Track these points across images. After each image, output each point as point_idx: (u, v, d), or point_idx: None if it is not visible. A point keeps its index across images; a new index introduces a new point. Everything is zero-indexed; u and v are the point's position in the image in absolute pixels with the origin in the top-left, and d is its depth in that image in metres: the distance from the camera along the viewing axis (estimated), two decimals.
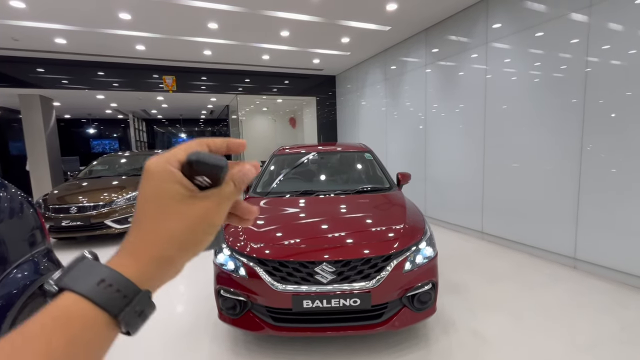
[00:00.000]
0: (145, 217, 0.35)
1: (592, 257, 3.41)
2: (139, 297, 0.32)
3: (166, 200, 0.34)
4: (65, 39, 5.48)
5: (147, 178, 0.35)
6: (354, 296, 2.04)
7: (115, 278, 0.32)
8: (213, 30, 5.30)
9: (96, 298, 0.30)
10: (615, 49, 3.09)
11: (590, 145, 3.34)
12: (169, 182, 0.34)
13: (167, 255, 0.35)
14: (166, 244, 0.34)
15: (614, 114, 3.13)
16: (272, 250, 2.20)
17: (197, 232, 0.36)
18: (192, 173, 0.35)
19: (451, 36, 5.04)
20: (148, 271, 0.34)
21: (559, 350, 2.24)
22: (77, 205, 4.90)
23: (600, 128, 3.25)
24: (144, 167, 0.35)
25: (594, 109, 3.29)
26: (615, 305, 2.79)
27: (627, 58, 3.01)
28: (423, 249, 2.26)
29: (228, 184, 0.37)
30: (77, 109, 11.72)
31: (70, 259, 0.34)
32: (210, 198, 0.36)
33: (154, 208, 0.35)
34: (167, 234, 0.34)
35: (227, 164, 0.35)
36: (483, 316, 2.68)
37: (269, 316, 2.14)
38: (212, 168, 0.34)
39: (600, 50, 3.20)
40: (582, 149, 3.42)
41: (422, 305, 2.22)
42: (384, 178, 3.34)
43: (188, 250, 0.36)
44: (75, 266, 0.33)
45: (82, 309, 0.30)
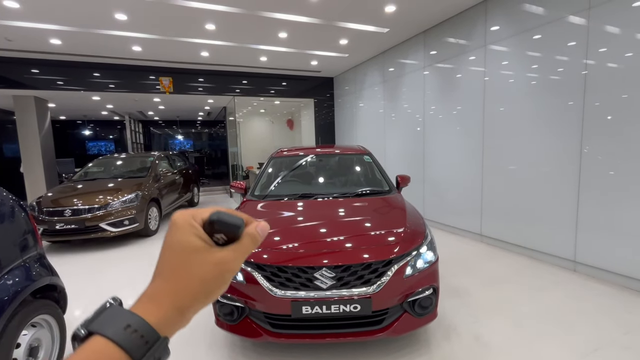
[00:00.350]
0: (168, 266, 0.38)
1: (592, 260, 3.39)
2: (158, 343, 0.34)
3: (188, 252, 0.38)
4: (60, 39, 5.41)
5: (173, 230, 0.39)
6: (354, 302, 2.00)
7: (140, 324, 0.34)
8: (210, 31, 5.26)
9: (123, 342, 0.32)
10: (613, 52, 3.08)
11: (587, 147, 3.33)
12: (192, 236, 0.38)
13: (186, 304, 0.37)
14: (183, 292, 0.37)
15: (613, 116, 3.13)
16: (270, 255, 2.15)
17: (211, 282, 0.38)
18: (212, 231, 0.39)
19: (449, 38, 5.03)
20: (168, 318, 0.36)
21: (561, 355, 2.21)
22: (71, 208, 4.82)
23: (600, 130, 3.24)
24: (171, 219, 0.40)
25: (593, 111, 3.28)
26: (617, 309, 2.77)
27: (625, 61, 3.00)
28: (424, 253, 2.23)
29: (245, 239, 0.40)
30: (73, 111, 11.61)
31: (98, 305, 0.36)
32: (227, 251, 0.39)
33: (177, 258, 0.38)
34: (184, 282, 0.37)
35: (243, 223, 0.40)
36: (484, 321, 2.65)
37: (267, 322, 2.09)
38: (230, 227, 0.39)
39: (598, 53, 3.20)
40: (582, 152, 3.41)
41: (423, 311, 2.18)
42: (383, 181, 3.30)
43: (201, 299, 0.38)
44: (103, 312, 0.35)
45: (111, 352, 0.32)
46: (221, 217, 0.38)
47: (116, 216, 5.01)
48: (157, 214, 5.87)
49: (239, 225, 0.39)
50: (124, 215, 5.07)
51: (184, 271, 0.37)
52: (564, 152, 3.57)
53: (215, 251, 0.39)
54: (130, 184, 5.53)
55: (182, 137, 17.03)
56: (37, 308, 2.04)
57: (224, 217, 0.38)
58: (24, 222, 2.19)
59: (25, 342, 1.92)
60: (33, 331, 2.00)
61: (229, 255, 0.39)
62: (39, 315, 2.05)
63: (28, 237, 2.17)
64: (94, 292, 3.45)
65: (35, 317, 2.01)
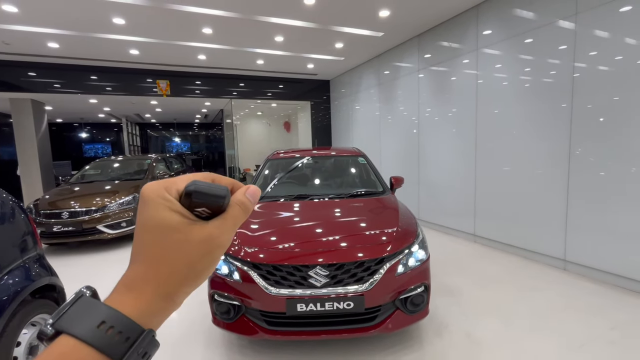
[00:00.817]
0: (143, 248, 0.33)
1: (582, 259, 3.47)
2: (142, 337, 0.30)
3: (165, 230, 0.32)
4: (58, 43, 5.45)
5: (144, 205, 0.33)
6: (348, 299, 2.06)
7: (116, 319, 0.29)
8: (207, 35, 5.32)
9: (97, 343, 0.28)
10: (601, 56, 3.17)
11: (580, 149, 3.41)
12: (166, 211, 0.32)
13: (169, 290, 0.32)
14: (168, 278, 0.32)
15: (601, 118, 3.21)
16: (266, 254, 2.21)
17: (198, 264, 0.33)
18: (191, 205, 0.33)
19: (443, 42, 5.13)
20: (150, 308, 0.31)
21: (548, 350, 2.27)
22: (69, 211, 4.85)
23: (588, 132, 3.33)
24: (140, 192, 0.33)
25: (582, 113, 3.37)
26: (605, 306, 2.84)
27: (611, 64, 3.09)
28: (415, 251, 2.29)
29: (233, 208, 0.35)
30: (70, 113, 11.61)
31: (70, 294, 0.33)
32: (212, 226, 0.33)
33: (153, 239, 0.32)
34: (168, 267, 0.32)
35: (228, 193, 0.34)
36: (476, 319, 2.71)
37: (262, 320, 2.14)
38: (211, 198, 0.32)
39: (586, 57, 3.29)
40: (571, 153, 3.49)
41: (415, 308, 2.24)
42: (377, 182, 3.37)
43: (190, 283, 0.34)
44: (72, 305, 0.30)
45: (82, 355, 0.27)
46: (199, 187, 0.32)
47: (113, 218, 5.03)
48: None
49: (222, 196, 0.33)
50: (122, 218, 5.10)
51: (165, 253, 0.32)
52: (554, 153, 3.65)
53: (198, 227, 0.33)
54: (127, 186, 5.56)
55: (180, 139, 17.05)
56: (36, 307, 2.07)
57: (202, 188, 0.32)
58: (23, 223, 2.23)
59: (25, 340, 1.95)
60: (33, 330, 2.03)
61: (214, 230, 0.33)
62: (39, 315, 2.09)
63: (28, 238, 2.21)
64: None
65: (35, 316, 2.05)
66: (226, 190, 0.34)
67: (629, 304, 2.88)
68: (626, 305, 2.85)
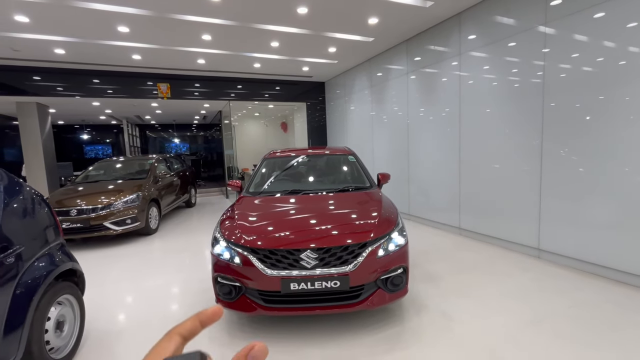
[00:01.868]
0: None
1: (554, 248, 3.79)
2: None
3: None
4: (64, 49, 5.73)
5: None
6: (334, 279, 2.36)
7: None
8: (206, 41, 5.61)
9: None
10: (568, 59, 3.49)
11: (549, 146, 3.73)
12: None
13: None
14: None
15: (570, 117, 3.53)
16: (262, 240, 2.51)
17: None
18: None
19: (429, 46, 5.44)
20: None
21: (511, 325, 2.59)
22: (76, 208, 5.12)
23: (558, 130, 3.65)
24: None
25: (551, 113, 3.69)
26: (568, 288, 3.16)
27: (579, 67, 3.41)
28: (395, 238, 2.59)
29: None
30: (72, 115, 11.86)
31: None
32: None
33: None
34: None
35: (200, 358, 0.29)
36: (452, 300, 3.02)
37: (260, 298, 2.44)
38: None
39: (554, 60, 3.60)
40: (542, 150, 3.81)
41: (395, 287, 2.54)
42: (365, 178, 3.68)
43: None
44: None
45: None
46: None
47: (119, 216, 5.32)
48: (157, 213, 6.19)
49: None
50: (126, 215, 5.39)
51: None
52: (528, 150, 3.97)
53: None
54: (131, 186, 5.84)
55: (179, 140, 17.30)
56: (61, 289, 2.37)
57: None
58: (47, 215, 2.52)
59: (53, 316, 2.25)
60: (59, 308, 2.33)
61: None
62: (63, 295, 2.38)
63: (51, 229, 2.50)
64: (99, 285, 3.77)
65: (60, 296, 2.34)
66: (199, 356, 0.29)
67: (590, 285, 3.20)
68: (588, 287, 3.17)
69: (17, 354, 1.88)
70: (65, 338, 2.35)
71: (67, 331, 2.37)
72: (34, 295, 2.05)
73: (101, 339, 2.66)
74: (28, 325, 1.96)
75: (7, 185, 2.21)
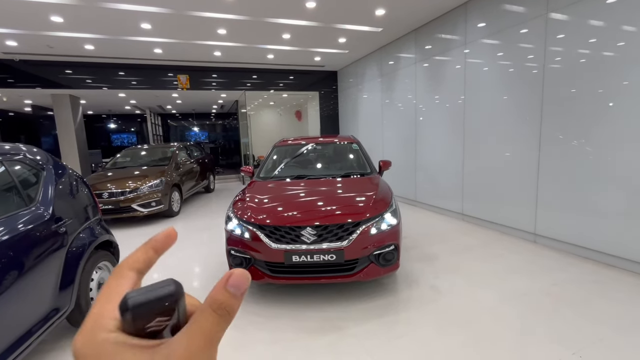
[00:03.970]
0: None
1: (549, 232, 3.95)
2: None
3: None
4: (93, 45, 6.20)
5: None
6: (331, 253, 2.69)
7: None
8: (222, 35, 5.92)
9: None
10: (570, 48, 3.57)
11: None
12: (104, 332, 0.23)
13: None
14: None
15: (569, 105, 3.64)
16: (269, 219, 2.85)
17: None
18: (137, 326, 0.23)
19: (437, 35, 5.53)
20: None
21: (494, 298, 2.84)
22: (108, 192, 5.67)
23: (555, 119, 3.76)
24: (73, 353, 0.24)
25: (551, 100, 3.79)
26: (554, 269, 3.36)
27: (580, 56, 3.49)
28: (387, 218, 2.88)
29: (204, 314, 0.24)
30: (100, 106, 12.60)
31: None
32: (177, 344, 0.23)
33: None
34: None
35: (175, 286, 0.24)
36: (443, 277, 3.29)
37: (267, 269, 2.81)
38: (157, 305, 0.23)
39: (556, 49, 3.69)
40: (541, 137, 3.93)
41: (387, 262, 2.84)
42: (366, 165, 3.94)
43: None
44: None
45: None
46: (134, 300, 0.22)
47: (144, 199, 5.83)
48: (178, 197, 6.70)
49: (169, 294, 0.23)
50: (151, 198, 5.90)
51: None
52: (527, 137, 4.10)
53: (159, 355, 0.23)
54: (155, 172, 6.34)
55: (198, 128, 17.95)
56: (100, 257, 2.81)
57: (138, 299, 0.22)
58: (87, 195, 2.96)
59: (96, 278, 2.70)
60: (100, 272, 2.78)
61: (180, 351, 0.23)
62: (102, 262, 2.83)
63: (91, 206, 2.94)
64: None
65: (100, 262, 2.79)
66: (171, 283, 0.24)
67: (580, 268, 3.38)
68: (576, 269, 3.35)
69: (70, 305, 2.33)
70: None
71: None
72: (81, 259, 2.49)
73: None
74: (77, 283, 2.41)
75: (55, 167, 2.65)
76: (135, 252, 0.30)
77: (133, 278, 0.28)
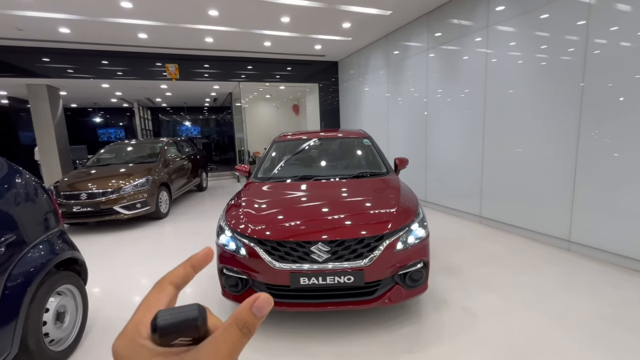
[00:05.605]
0: None
1: (587, 240, 3.48)
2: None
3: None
4: (68, 28, 5.54)
5: None
6: (348, 274, 2.16)
7: None
8: (214, 17, 5.31)
9: None
10: (620, 31, 3.06)
11: (590, 129, 3.36)
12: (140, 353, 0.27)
13: None
14: None
15: (613, 98, 3.14)
16: (270, 231, 2.32)
17: None
18: (163, 342, 0.27)
19: (453, 19, 4.99)
20: None
21: (543, 325, 2.35)
22: (87, 192, 5.07)
23: (598, 113, 3.27)
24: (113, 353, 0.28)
25: (594, 92, 3.29)
26: (604, 285, 2.88)
27: (631, 41, 2.99)
28: (415, 230, 2.36)
29: (229, 330, 0.27)
30: (83, 98, 11.86)
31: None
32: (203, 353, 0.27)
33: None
34: None
35: (199, 313, 0.27)
36: (473, 294, 2.80)
37: (268, 293, 2.27)
38: (182, 326, 0.27)
39: (603, 33, 3.18)
40: (580, 133, 3.44)
41: (414, 283, 2.33)
42: (381, 163, 3.41)
43: None
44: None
45: None
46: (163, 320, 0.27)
47: (129, 199, 5.25)
48: (167, 197, 6.12)
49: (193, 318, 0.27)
50: (136, 199, 5.31)
51: None
52: (563, 133, 3.60)
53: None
54: (141, 169, 5.75)
55: (190, 123, 17.24)
56: (61, 278, 2.26)
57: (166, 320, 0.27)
58: (46, 202, 2.39)
59: (52, 307, 2.15)
60: (59, 298, 2.23)
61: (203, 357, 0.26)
62: (64, 285, 2.28)
63: (50, 216, 2.38)
64: (110, 270, 3.71)
65: (59, 286, 2.24)
66: (197, 310, 0.27)
67: (627, 281, 2.92)
68: (624, 283, 2.89)
69: (12, 349, 1.78)
70: (66, 329, 2.26)
71: (69, 322, 2.28)
72: (29, 286, 1.94)
73: (107, 328, 2.58)
74: (23, 318, 1.86)
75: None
76: (176, 268, 0.33)
77: (171, 292, 0.32)
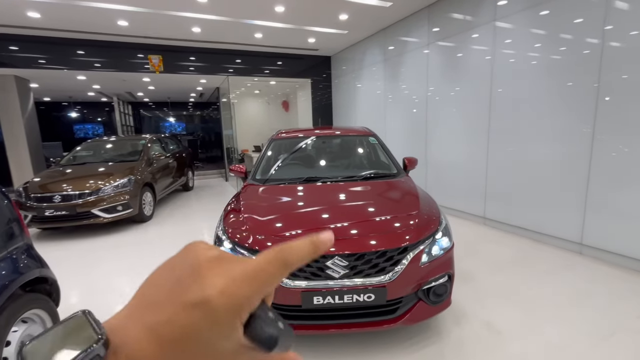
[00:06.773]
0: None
1: (601, 243, 3.35)
2: None
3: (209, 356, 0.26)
4: (38, 12, 5.01)
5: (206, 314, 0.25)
6: (369, 291, 1.90)
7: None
8: (202, 4, 4.91)
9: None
10: (633, 27, 2.91)
11: (606, 128, 3.21)
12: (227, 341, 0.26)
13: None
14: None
15: (631, 96, 2.99)
16: (277, 243, 2.01)
17: None
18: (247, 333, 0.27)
19: (455, 14, 4.78)
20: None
21: (578, 340, 2.16)
22: (61, 194, 4.61)
23: (616, 110, 3.12)
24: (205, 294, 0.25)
25: (609, 91, 3.14)
26: (629, 292, 2.74)
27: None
28: (439, 239, 2.12)
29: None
30: (57, 92, 11.08)
31: None
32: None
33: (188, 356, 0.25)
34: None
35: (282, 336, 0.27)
36: (493, 307, 2.59)
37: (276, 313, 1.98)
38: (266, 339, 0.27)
39: (618, 27, 3.02)
40: (594, 132, 3.29)
41: (438, 299, 2.09)
42: (390, 164, 3.16)
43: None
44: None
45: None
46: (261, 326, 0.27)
47: (109, 202, 4.81)
48: (151, 198, 5.69)
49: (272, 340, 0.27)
50: (117, 201, 4.88)
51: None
52: (576, 133, 3.45)
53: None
54: (122, 168, 5.30)
55: (174, 119, 16.55)
56: (27, 302, 1.89)
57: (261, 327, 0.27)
58: (7, 210, 2.01)
59: (15, 339, 1.78)
60: (24, 327, 1.86)
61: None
62: (30, 310, 1.91)
63: (13, 227, 2.00)
64: (88, 281, 3.31)
65: (25, 312, 1.87)
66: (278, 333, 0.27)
67: None
68: None
69: None
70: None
71: None
72: None
73: None
74: None
75: None
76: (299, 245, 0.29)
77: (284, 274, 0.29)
